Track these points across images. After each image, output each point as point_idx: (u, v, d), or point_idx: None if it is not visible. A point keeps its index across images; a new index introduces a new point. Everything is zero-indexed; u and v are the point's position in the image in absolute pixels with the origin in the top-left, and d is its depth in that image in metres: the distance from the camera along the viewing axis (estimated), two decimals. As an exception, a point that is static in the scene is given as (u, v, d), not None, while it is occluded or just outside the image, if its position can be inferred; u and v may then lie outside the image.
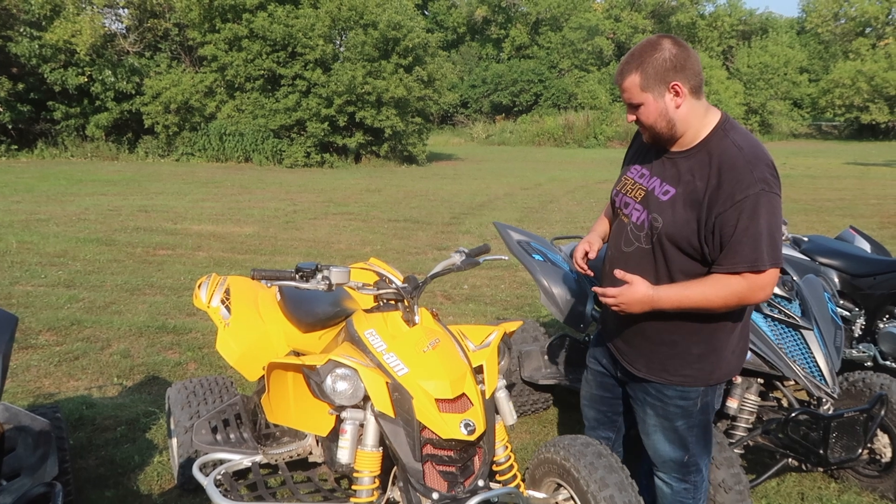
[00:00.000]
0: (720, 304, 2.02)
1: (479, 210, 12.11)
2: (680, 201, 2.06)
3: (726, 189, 1.96)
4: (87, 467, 3.34)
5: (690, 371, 2.20)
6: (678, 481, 2.36)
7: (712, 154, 2.03)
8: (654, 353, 2.23)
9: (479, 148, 31.50)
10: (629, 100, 2.07)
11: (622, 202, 2.27)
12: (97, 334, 5.31)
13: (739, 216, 1.93)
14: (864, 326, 4.21)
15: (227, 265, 7.62)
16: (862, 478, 3.19)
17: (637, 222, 2.18)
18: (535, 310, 6.13)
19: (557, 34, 41.75)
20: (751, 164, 1.97)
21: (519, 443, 3.70)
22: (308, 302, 2.92)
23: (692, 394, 2.24)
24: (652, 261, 2.14)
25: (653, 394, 2.29)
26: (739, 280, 1.97)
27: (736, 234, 1.94)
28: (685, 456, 2.31)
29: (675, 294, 2.04)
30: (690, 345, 2.17)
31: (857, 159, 23.80)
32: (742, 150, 2.01)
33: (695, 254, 2.06)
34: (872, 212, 11.90)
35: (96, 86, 20.57)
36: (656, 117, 2.05)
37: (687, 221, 2.03)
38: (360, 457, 2.17)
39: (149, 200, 12.37)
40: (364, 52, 20.36)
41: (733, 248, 1.95)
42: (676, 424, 2.28)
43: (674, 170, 2.12)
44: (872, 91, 34.80)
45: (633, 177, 2.26)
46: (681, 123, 2.06)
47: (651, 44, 2.02)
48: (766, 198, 1.94)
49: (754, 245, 1.93)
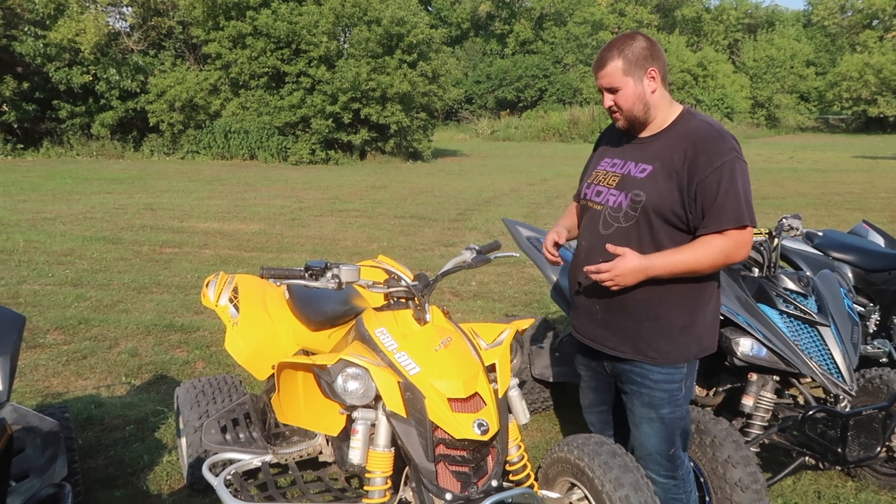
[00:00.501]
0: (709, 264, 2.14)
1: (485, 206, 12.07)
2: (659, 175, 2.19)
3: (703, 158, 2.12)
4: (96, 467, 3.32)
5: (675, 346, 2.27)
6: (666, 478, 2.38)
7: (683, 132, 2.21)
8: (640, 330, 2.28)
9: (484, 144, 31.44)
10: (609, 84, 2.21)
11: (594, 192, 2.38)
12: (105, 333, 5.29)
13: (720, 180, 2.10)
14: (878, 322, 4.15)
15: (234, 263, 7.60)
16: (879, 476, 3.15)
17: (614, 205, 2.28)
18: (543, 306, 6.09)
19: (562, 29, 41.63)
20: (721, 136, 2.16)
21: (530, 441, 3.67)
22: (317, 300, 2.89)
23: (676, 376, 2.30)
24: (636, 235, 2.22)
25: (638, 381, 2.33)
26: (724, 239, 2.11)
27: (719, 196, 2.10)
28: (671, 448, 2.35)
29: (667, 259, 2.13)
30: (674, 317, 2.25)
31: (866, 153, 23.64)
32: (711, 126, 2.21)
33: (678, 222, 2.18)
34: (883, 205, 11.81)
35: (101, 84, 20.59)
36: (634, 100, 2.20)
37: (669, 192, 2.17)
38: (371, 457, 2.14)
39: (155, 198, 12.38)
40: (368, 48, 20.32)
41: (717, 209, 2.10)
42: (663, 413, 2.32)
43: (647, 150, 2.26)
44: (880, 84, 34.60)
45: (604, 168, 2.39)
46: (654, 108, 2.23)
47: (628, 36, 2.22)
48: (739, 164, 2.13)
49: (736, 205, 2.10)
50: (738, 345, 2.84)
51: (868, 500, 3.06)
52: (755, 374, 2.95)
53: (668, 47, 38.30)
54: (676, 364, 2.29)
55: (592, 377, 2.58)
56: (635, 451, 2.43)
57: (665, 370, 2.29)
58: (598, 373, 2.54)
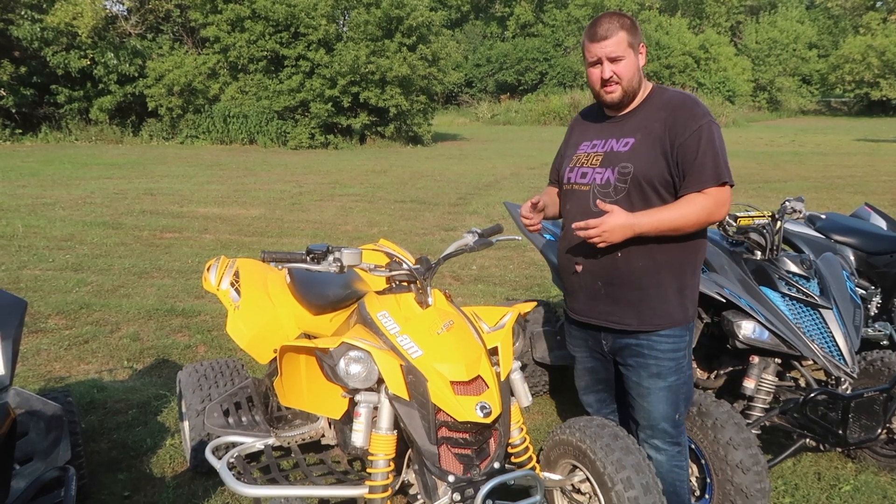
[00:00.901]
0: (694, 221, 2.21)
1: (485, 190, 12.04)
2: (642, 145, 2.27)
3: (681, 122, 2.22)
4: (99, 451, 3.33)
5: (675, 308, 2.33)
6: (672, 444, 2.42)
7: (658, 103, 2.31)
8: (644, 299, 2.32)
9: (484, 128, 31.31)
10: (615, 54, 2.23)
11: (578, 175, 2.41)
12: (106, 318, 5.30)
13: (699, 141, 2.19)
14: (880, 305, 4.15)
15: (234, 247, 7.60)
16: (879, 457, 3.16)
17: (601, 182, 2.33)
18: (544, 290, 6.09)
19: (562, 11, 41.30)
20: (694, 102, 2.28)
21: (532, 424, 3.68)
22: (319, 284, 2.89)
23: (681, 343, 2.36)
24: (628, 206, 2.25)
25: (646, 353, 2.35)
26: (706, 197, 2.19)
27: (698, 156, 2.18)
28: (676, 413, 2.40)
29: (653, 217, 2.19)
30: (672, 280, 2.32)
31: (868, 136, 23.55)
32: (684, 94, 2.33)
33: (668, 188, 2.26)
34: (884, 189, 11.78)
35: (99, 69, 20.47)
36: (633, 72, 2.28)
37: (655, 159, 2.24)
38: (374, 440, 2.15)
39: (154, 183, 12.34)
40: (367, 31, 20.17)
41: (697, 168, 2.18)
42: (670, 381, 2.36)
43: (626, 125, 2.34)
44: (883, 66, 34.37)
45: (585, 151, 2.43)
46: (641, 81, 2.33)
47: (618, 14, 2.28)
48: (714, 126, 2.23)
49: (714, 164, 2.19)
50: (740, 327, 2.84)
51: (868, 482, 3.07)
52: (757, 356, 2.95)
53: (669, 29, 38.02)
54: (682, 325, 2.34)
55: (589, 357, 2.60)
56: (640, 421, 2.45)
57: (671, 339, 2.33)
58: (594, 352, 2.56)
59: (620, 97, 2.30)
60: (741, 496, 2.49)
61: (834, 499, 2.98)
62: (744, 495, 2.48)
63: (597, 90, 2.33)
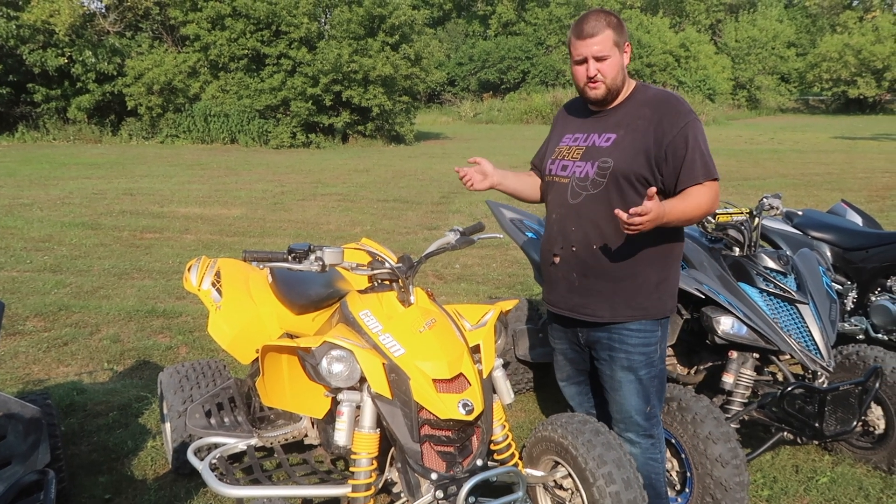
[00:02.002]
0: (704, 210, 2.27)
1: (468, 189, 12.04)
2: (625, 141, 2.31)
3: (668, 120, 2.26)
4: (79, 453, 3.30)
5: (651, 301, 2.37)
6: (644, 437, 2.46)
7: (642, 100, 2.35)
8: (618, 291, 2.36)
9: (467, 126, 31.33)
10: (601, 52, 2.26)
11: (559, 167, 2.46)
12: (86, 319, 5.24)
13: (686, 139, 2.24)
14: (856, 300, 4.22)
15: (216, 248, 7.55)
16: (855, 450, 3.22)
17: (580, 175, 2.38)
18: (527, 288, 6.12)
19: (544, 10, 41.41)
20: (678, 100, 2.33)
21: (515, 421, 3.70)
22: (301, 283, 2.88)
23: (652, 338, 2.40)
24: (605, 201, 2.31)
25: (617, 347, 2.40)
26: (707, 189, 2.25)
27: (688, 153, 2.23)
28: (647, 406, 2.44)
29: (677, 207, 2.20)
30: (649, 273, 2.36)
31: (845, 133, 23.88)
32: (667, 93, 2.38)
33: (644, 184, 2.28)
34: (861, 185, 11.95)
35: (77, 67, 20.21)
36: (617, 71, 2.30)
37: (635, 155, 2.28)
38: (357, 439, 2.15)
39: (134, 183, 12.22)
40: (350, 29, 20.10)
41: (688, 165, 2.23)
42: (641, 374, 2.40)
43: (609, 121, 2.38)
44: (860, 65, 34.86)
45: (567, 144, 2.48)
46: (625, 79, 2.36)
47: (605, 12, 2.32)
48: (698, 122, 2.30)
49: (704, 160, 2.25)
50: (718, 323, 2.87)
51: (844, 474, 3.13)
52: (735, 351, 2.98)
53: (650, 28, 38.27)
54: (655, 318, 2.38)
55: (568, 348, 2.64)
56: (613, 414, 2.50)
57: (641, 333, 2.38)
58: (573, 343, 2.61)
59: (604, 94, 2.33)
60: (720, 489, 2.52)
61: (811, 491, 3.03)
62: (723, 488, 2.52)
63: (581, 87, 2.36)
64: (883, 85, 35.52)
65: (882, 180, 12.54)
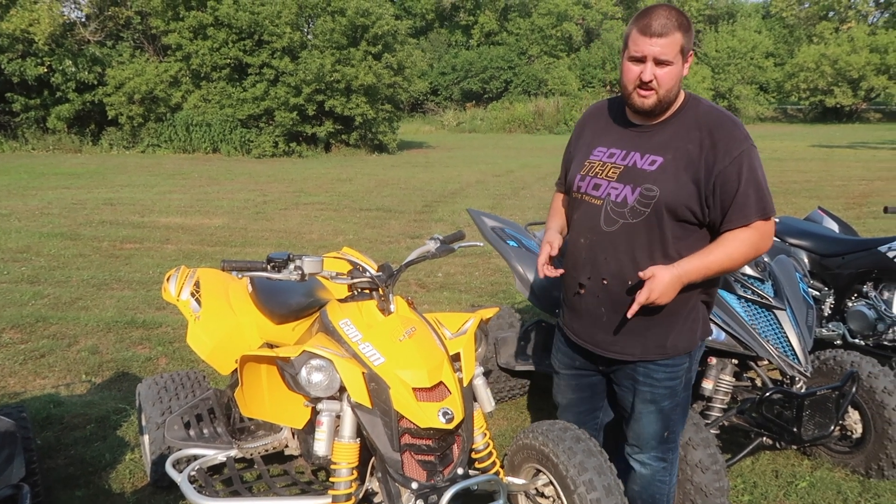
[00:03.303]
0: (742, 260, 2.04)
1: (451, 198, 12.08)
2: (672, 167, 2.05)
3: (722, 146, 2.00)
4: (55, 467, 3.25)
5: (681, 337, 2.20)
6: (658, 460, 2.36)
7: (693, 120, 2.07)
8: (651, 327, 2.17)
9: (449, 136, 31.41)
10: (664, 55, 1.97)
11: (590, 185, 2.20)
12: (64, 331, 5.17)
13: (741, 170, 1.98)
14: (833, 305, 4.28)
15: (197, 258, 7.49)
16: (834, 454, 3.25)
17: (617, 200, 2.12)
18: (509, 296, 6.13)
19: (526, 20, 41.72)
20: (735, 123, 2.05)
21: (497, 429, 3.69)
22: (281, 293, 2.87)
23: (679, 371, 2.25)
24: (645, 233, 2.09)
25: (641, 380, 2.26)
26: (752, 232, 2.01)
27: (741, 187, 1.98)
28: (665, 432, 2.32)
29: (700, 262, 2.01)
30: (678, 307, 2.15)
31: (822, 142, 24.24)
32: (722, 113, 2.09)
33: (691, 217, 2.06)
34: (838, 193, 12.13)
35: (56, 76, 20.00)
36: (676, 80, 2.03)
37: (684, 185, 2.02)
38: (337, 448, 2.14)
39: (114, 193, 12.10)
40: (333, 39, 20.11)
41: (741, 201, 1.99)
42: (663, 405, 2.28)
43: (654, 139, 2.11)
44: (836, 74, 35.41)
45: (600, 158, 2.21)
46: (679, 92, 2.09)
47: (678, 9, 2.03)
48: (755, 151, 2.03)
49: (759, 195, 2.00)
50: (697, 330, 2.89)
51: (823, 478, 3.16)
52: (714, 358, 3.01)
53: (631, 39, 38.54)
54: (686, 353, 2.22)
55: (575, 375, 2.48)
56: (629, 438, 2.39)
57: (669, 368, 2.23)
58: (582, 375, 2.46)
59: (653, 105, 2.05)
60: (701, 495, 2.54)
61: (791, 495, 3.05)
62: (703, 494, 2.53)
63: (629, 91, 2.06)
64: (859, 94, 36.13)
65: (858, 188, 12.73)
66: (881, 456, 3.03)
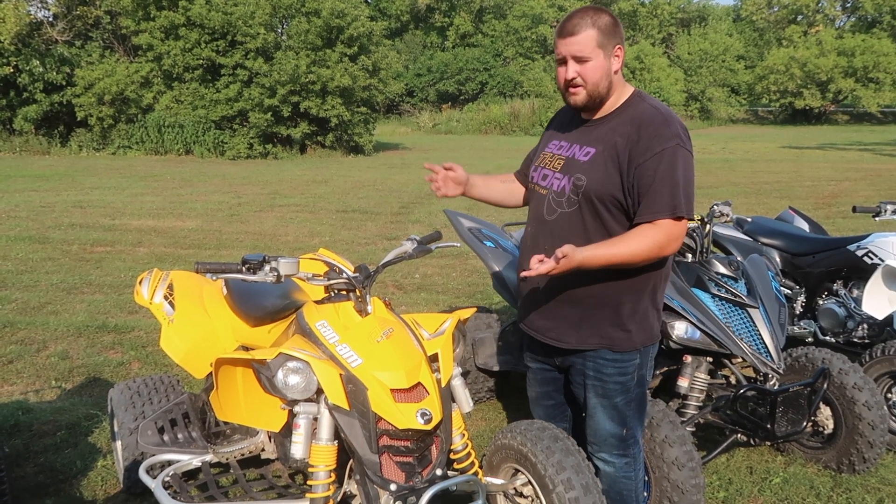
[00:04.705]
0: (644, 256, 2.06)
1: (427, 199, 12.07)
2: (601, 159, 2.13)
3: (644, 142, 2.06)
4: (24, 475, 3.17)
5: (618, 333, 2.22)
6: (619, 457, 2.38)
7: (629, 116, 2.14)
8: (585, 318, 2.23)
9: (425, 137, 31.41)
10: (580, 53, 2.07)
11: (540, 175, 2.31)
12: (32, 336, 5.06)
13: (658, 166, 2.03)
14: (804, 303, 4.35)
15: (170, 261, 7.38)
16: (806, 450, 3.30)
17: (557, 189, 2.22)
18: (487, 297, 6.14)
19: (501, 22, 41.95)
20: (666, 122, 2.09)
21: (475, 430, 3.69)
22: (256, 295, 2.84)
23: (629, 367, 2.27)
24: (580, 221, 2.17)
25: (591, 375, 2.30)
26: (658, 230, 2.04)
27: (655, 182, 2.03)
28: (623, 430, 2.34)
29: (602, 252, 2.03)
30: (620, 304, 2.20)
31: (793, 143, 24.69)
32: (658, 111, 2.14)
33: (620, 207, 2.13)
34: (808, 193, 12.36)
35: (23, 76, 19.60)
36: (601, 75, 2.10)
37: (609, 176, 2.11)
38: (314, 451, 2.12)
39: (84, 196, 11.89)
40: (307, 40, 20.00)
41: (652, 196, 2.03)
42: (616, 401, 2.30)
43: (592, 133, 2.21)
44: (805, 77, 36.07)
45: (551, 151, 2.33)
46: (613, 87, 2.16)
47: (596, 9, 2.12)
48: (681, 152, 2.06)
49: (672, 193, 2.03)
50: (673, 328, 2.92)
51: (796, 473, 3.20)
52: (690, 356, 3.04)
53: (604, 41, 38.89)
54: (626, 351, 2.24)
55: (539, 370, 2.54)
56: (588, 436, 2.41)
57: (618, 363, 2.25)
58: (544, 367, 2.51)
59: (584, 101, 2.14)
60: (677, 492, 2.56)
61: (765, 491, 3.09)
62: (680, 491, 2.55)
63: (562, 91, 2.18)
64: (827, 96, 36.86)
65: (828, 188, 12.99)
66: (852, 451, 3.08)
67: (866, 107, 36.44)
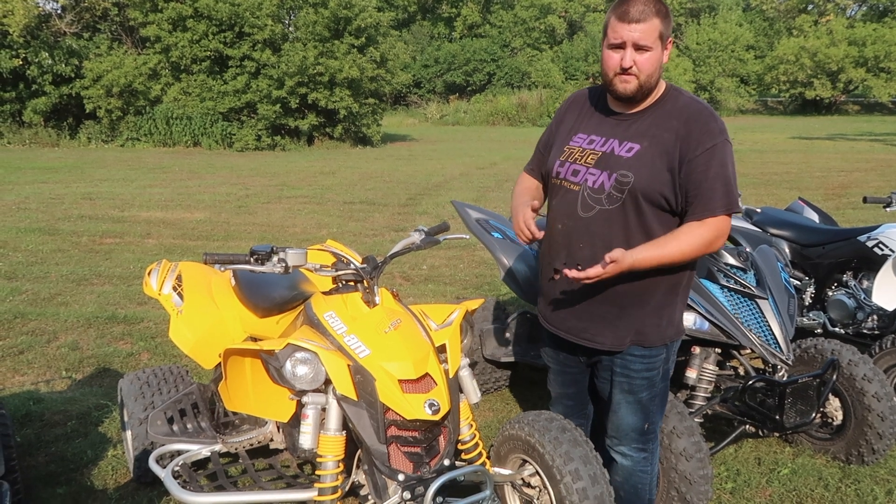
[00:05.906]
0: (693, 254, 2.06)
1: (435, 190, 12.06)
2: (648, 154, 2.07)
3: (695, 137, 2.02)
4: (36, 465, 3.20)
5: (653, 329, 2.21)
6: (638, 451, 2.38)
7: (672, 109, 2.10)
8: (623, 317, 2.19)
9: (433, 128, 31.35)
10: (642, 41, 1.99)
11: (569, 171, 2.21)
12: (43, 327, 5.10)
13: (710, 162, 2.00)
14: (813, 295, 4.32)
15: (179, 252, 7.41)
16: (815, 441, 3.29)
17: (594, 186, 2.13)
18: (494, 288, 6.13)
19: (509, 13, 41.69)
20: (712, 115, 2.08)
21: (483, 421, 3.70)
22: (264, 286, 2.84)
23: (656, 363, 2.27)
24: (622, 218, 2.10)
25: (619, 371, 2.28)
26: (707, 228, 2.02)
27: (708, 180, 2.00)
28: (645, 424, 2.34)
29: (652, 254, 2.02)
30: (656, 300, 2.18)
31: (802, 134, 24.49)
32: (702, 105, 2.12)
33: (666, 205, 2.08)
34: (818, 184, 12.27)
35: (32, 69, 19.67)
36: (656, 67, 2.05)
37: (659, 173, 2.05)
38: (323, 441, 2.13)
39: (93, 188, 11.94)
40: (315, 31, 19.95)
41: (707, 193, 2.00)
42: (641, 396, 2.30)
43: (633, 128, 2.13)
44: (815, 67, 35.74)
45: (579, 144, 2.22)
46: (659, 79, 2.10)
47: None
48: (728, 147, 2.05)
49: (726, 190, 2.01)
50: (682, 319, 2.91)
51: (805, 464, 3.20)
52: (698, 347, 3.03)
53: (613, 31, 38.62)
54: (655, 346, 2.23)
55: (560, 370, 2.52)
56: (609, 430, 2.41)
57: (645, 359, 2.24)
58: (566, 366, 2.48)
59: (634, 91, 2.06)
60: (685, 483, 2.55)
61: (773, 482, 3.09)
62: (688, 482, 2.55)
63: (610, 77, 2.08)
64: (838, 87, 36.52)
65: (838, 179, 12.89)
66: (861, 442, 3.07)
67: (877, 97, 36.10)
